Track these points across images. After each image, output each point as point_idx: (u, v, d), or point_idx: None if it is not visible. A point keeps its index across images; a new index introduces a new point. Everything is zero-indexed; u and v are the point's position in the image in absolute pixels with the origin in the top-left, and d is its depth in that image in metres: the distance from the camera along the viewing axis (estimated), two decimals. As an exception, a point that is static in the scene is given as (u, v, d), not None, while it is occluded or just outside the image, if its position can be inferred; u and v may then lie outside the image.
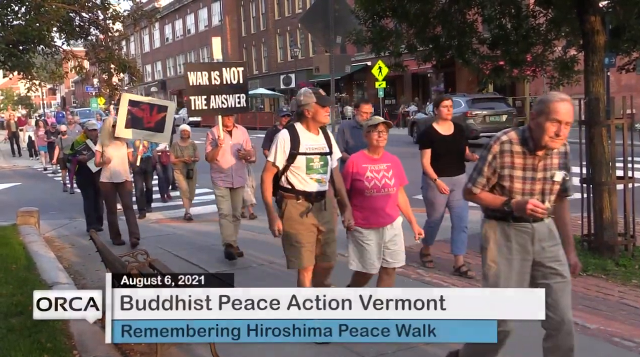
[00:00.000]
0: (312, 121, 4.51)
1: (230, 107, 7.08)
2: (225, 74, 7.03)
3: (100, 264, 5.45)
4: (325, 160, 4.55)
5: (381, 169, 4.72)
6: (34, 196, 13.99)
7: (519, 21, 7.65)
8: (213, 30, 54.92)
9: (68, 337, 4.44)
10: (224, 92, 7.02)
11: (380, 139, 4.67)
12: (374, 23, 8.21)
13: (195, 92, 6.92)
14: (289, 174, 4.51)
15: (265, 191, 4.55)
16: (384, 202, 4.69)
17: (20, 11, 12.52)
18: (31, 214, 8.99)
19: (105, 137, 8.20)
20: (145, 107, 7.99)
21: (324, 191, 4.57)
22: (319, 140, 4.57)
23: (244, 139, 7.25)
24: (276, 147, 4.50)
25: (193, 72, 6.99)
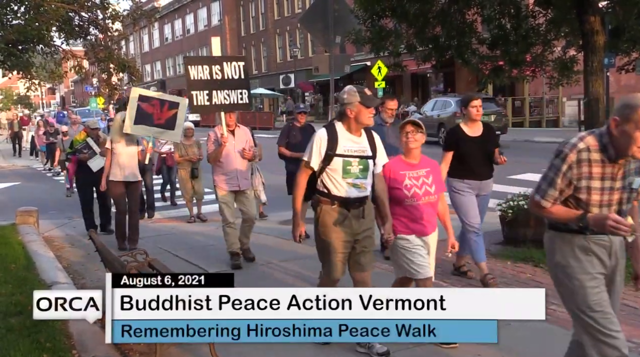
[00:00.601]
0: (354, 122, 4.16)
1: (232, 103, 6.79)
2: (226, 68, 6.78)
3: (99, 264, 5.45)
4: (365, 164, 4.20)
5: (420, 175, 4.38)
6: (33, 195, 13.98)
7: (518, 21, 7.68)
8: (212, 30, 54.90)
9: (67, 337, 4.44)
10: (226, 88, 6.75)
11: (409, 141, 4.33)
12: (374, 23, 8.23)
13: (197, 87, 6.67)
14: (324, 176, 4.20)
15: (296, 192, 4.26)
16: (425, 211, 4.37)
17: (19, 11, 12.52)
18: (30, 213, 8.98)
19: (115, 133, 7.87)
20: (156, 103, 7.63)
21: (363, 197, 4.22)
22: (361, 142, 4.23)
23: (247, 138, 6.90)
24: (312, 147, 4.19)
25: (194, 66, 6.72)
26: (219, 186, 6.72)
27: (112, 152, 7.75)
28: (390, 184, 4.34)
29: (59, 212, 11.31)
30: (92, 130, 9.11)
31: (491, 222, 7.43)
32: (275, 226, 8.99)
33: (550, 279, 3.26)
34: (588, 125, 6.39)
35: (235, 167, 6.66)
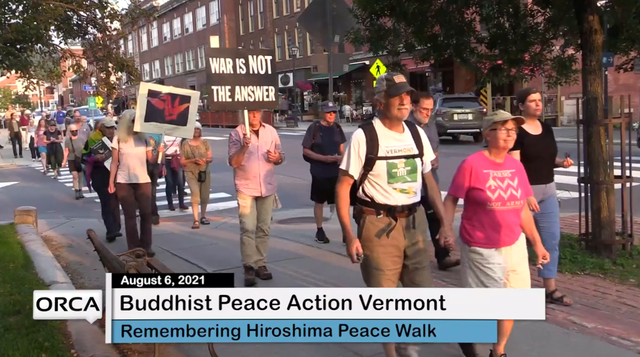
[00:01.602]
0: (387, 116, 3.66)
1: (257, 101, 6.19)
2: (251, 62, 6.16)
3: (98, 263, 5.45)
4: (413, 164, 3.67)
5: (505, 177, 3.80)
6: (31, 195, 13.97)
7: (517, 20, 7.66)
8: (211, 29, 54.89)
9: (66, 336, 4.44)
10: (251, 84, 6.15)
11: (509, 140, 3.75)
12: (372, 22, 8.21)
13: (219, 82, 6.07)
14: (367, 184, 3.66)
15: (340, 206, 3.70)
16: (509, 217, 3.79)
17: (17, 9, 12.50)
18: (29, 213, 8.98)
19: (123, 132, 7.38)
20: (166, 97, 7.17)
21: (413, 204, 3.69)
22: (404, 139, 3.69)
23: (273, 139, 6.27)
24: (349, 152, 3.66)
25: (216, 58, 6.11)
26: (239, 191, 6.22)
27: (119, 152, 7.36)
28: (471, 183, 3.79)
29: (58, 211, 11.31)
30: (107, 129, 8.63)
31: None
32: (274, 225, 8.99)
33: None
34: (587, 124, 6.39)
35: (258, 170, 6.13)
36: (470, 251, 3.82)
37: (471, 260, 3.81)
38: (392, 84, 3.58)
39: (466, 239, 3.86)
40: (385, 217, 3.64)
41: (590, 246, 6.41)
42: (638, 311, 4.95)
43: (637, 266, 6.02)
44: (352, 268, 6.60)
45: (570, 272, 5.88)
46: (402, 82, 3.57)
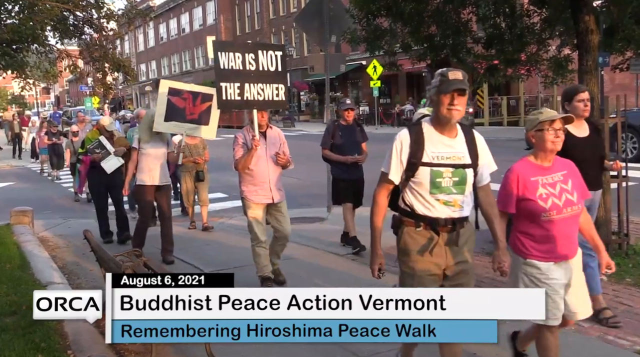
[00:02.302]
0: (436, 117, 3.25)
1: (266, 100, 5.76)
2: (261, 58, 5.70)
3: (94, 264, 5.44)
4: (461, 175, 3.22)
5: (557, 181, 3.43)
6: (28, 195, 13.94)
7: (513, 20, 7.68)
8: (208, 29, 54.84)
9: (62, 337, 4.43)
10: (260, 81, 5.70)
11: (557, 141, 3.38)
12: (369, 22, 8.23)
13: (227, 79, 5.58)
14: (407, 191, 3.29)
15: (374, 212, 3.34)
16: (568, 226, 3.41)
17: (14, 10, 12.50)
18: (25, 213, 8.95)
19: (144, 132, 7.01)
20: (188, 96, 6.85)
21: (458, 219, 3.27)
22: (456, 145, 3.25)
23: (281, 141, 5.90)
24: (391, 154, 3.28)
25: (224, 52, 5.60)
26: (247, 198, 5.75)
27: (140, 153, 6.98)
28: (519, 195, 3.42)
29: (54, 212, 11.29)
30: (106, 132, 8.30)
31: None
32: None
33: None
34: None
35: (268, 175, 5.69)
36: (525, 264, 3.45)
37: (527, 274, 3.44)
38: (444, 79, 3.17)
39: (521, 251, 3.48)
40: (426, 230, 3.25)
41: (587, 245, 6.41)
42: (634, 310, 4.96)
43: (633, 265, 6.04)
44: (352, 269, 6.62)
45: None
46: (457, 79, 3.15)
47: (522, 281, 3.46)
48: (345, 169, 7.12)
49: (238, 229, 8.77)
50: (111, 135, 8.18)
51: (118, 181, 8.07)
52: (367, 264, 7.01)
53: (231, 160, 5.94)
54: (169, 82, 7.15)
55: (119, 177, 8.11)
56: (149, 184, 6.98)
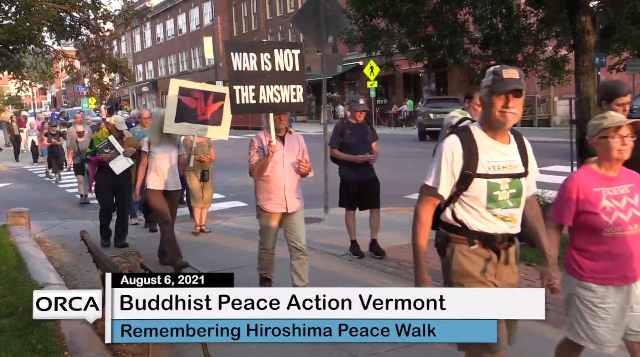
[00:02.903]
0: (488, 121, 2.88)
1: (284, 102, 5.39)
2: (278, 58, 5.34)
3: (91, 265, 5.42)
4: (518, 186, 2.89)
5: (623, 194, 3.09)
6: (24, 196, 13.91)
7: (510, 21, 7.71)
8: (205, 30, 54.83)
9: (59, 339, 4.43)
10: (277, 83, 5.35)
11: (624, 150, 3.06)
12: (366, 23, 8.25)
13: (241, 81, 5.24)
14: (458, 206, 2.92)
15: (418, 232, 2.98)
16: (634, 244, 3.07)
17: (10, 11, 12.46)
18: (22, 214, 8.93)
19: (154, 134, 6.75)
20: (199, 95, 6.59)
21: (514, 236, 2.98)
22: (510, 153, 2.91)
23: (301, 147, 5.50)
24: (439, 165, 2.89)
25: (238, 53, 5.24)
26: (261, 207, 5.45)
27: (150, 156, 6.72)
28: (579, 207, 3.11)
29: (51, 213, 11.27)
30: (117, 132, 7.96)
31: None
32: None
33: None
34: (579, 124, 6.43)
35: (284, 183, 5.33)
36: (580, 287, 3.15)
37: (581, 297, 3.15)
38: (498, 79, 2.80)
39: (576, 272, 3.19)
40: (482, 248, 2.91)
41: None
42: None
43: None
44: (349, 270, 6.62)
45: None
46: (512, 78, 2.78)
47: (575, 305, 3.18)
48: (355, 169, 6.78)
49: (236, 230, 8.77)
50: (121, 135, 7.93)
51: (126, 184, 7.94)
52: (364, 265, 7.01)
53: (234, 162, 5.85)
54: (180, 81, 6.87)
55: (127, 179, 7.94)
56: (161, 189, 6.74)
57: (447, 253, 2.99)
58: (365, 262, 6.75)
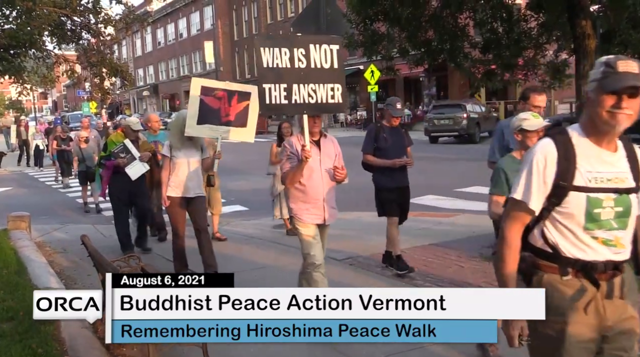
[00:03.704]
0: (592, 122, 2.38)
1: (320, 103, 4.88)
2: (313, 53, 4.85)
3: (92, 269, 5.43)
4: (626, 203, 2.38)
5: None
6: (25, 200, 13.92)
7: (510, 25, 7.74)
8: (205, 34, 54.95)
9: (59, 343, 4.42)
10: (312, 81, 4.86)
11: None
12: (366, 27, 8.27)
13: (272, 79, 4.77)
14: (549, 225, 2.45)
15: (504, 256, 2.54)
16: None
17: (11, 15, 12.49)
18: (22, 218, 8.93)
19: (175, 137, 6.35)
20: (223, 94, 6.19)
21: (620, 263, 2.42)
22: (617, 163, 2.41)
23: (336, 151, 5.01)
24: (529, 174, 2.43)
25: (269, 48, 4.75)
26: (298, 218, 4.92)
27: (171, 160, 6.33)
28: None
29: (51, 217, 11.27)
30: (132, 133, 7.59)
31: (484, 225, 7.47)
32: (269, 230, 8.98)
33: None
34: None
35: (322, 192, 4.85)
36: None
37: None
38: (610, 72, 2.29)
39: None
40: (576, 278, 2.41)
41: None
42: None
43: (631, 269, 6.04)
44: (348, 274, 6.62)
45: (565, 276, 5.90)
46: (629, 72, 2.26)
47: None
48: (391, 175, 6.29)
49: (238, 235, 8.77)
50: (136, 138, 7.59)
51: (142, 189, 7.70)
52: (365, 270, 6.97)
53: (236, 166, 5.78)
54: (201, 80, 6.45)
55: (143, 183, 7.71)
56: (180, 196, 6.33)
57: (533, 282, 2.56)
58: (366, 267, 6.73)
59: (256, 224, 9.46)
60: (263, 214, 10.07)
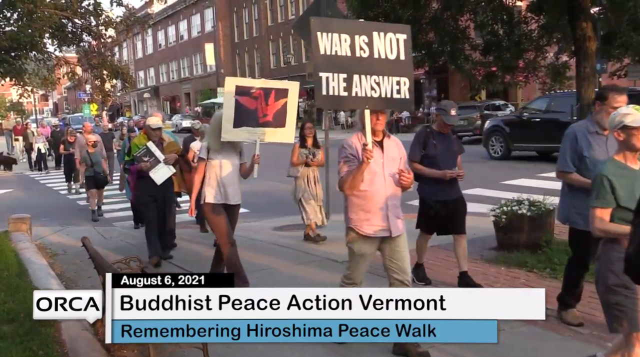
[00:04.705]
0: None
1: (383, 97, 4.28)
2: (377, 42, 4.29)
3: (92, 271, 5.42)
4: None
5: None
6: (26, 202, 13.92)
7: (511, 27, 7.75)
8: (206, 36, 55.00)
9: (60, 345, 4.42)
10: (376, 72, 4.28)
11: None
12: (367, 29, 8.26)
13: (329, 67, 4.19)
14: None
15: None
16: None
17: (12, 17, 12.52)
18: (23, 220, 8.93)
19: (214, 139, 5.84)
20: (259, 93, 5.70)
21: None
22: None
23: (401, 154, 4.44)
24: None
25: (326, 33, 4.17)
26: (358, 229, 4.28)
27: (208, 164, 5.85)
28: None
29: (52, 219, 11.26)
30: (152, 132, 7.12)
31: (485, 227, 7.46)
32: (270, 232, 8.97)
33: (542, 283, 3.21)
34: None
35: (385, 199, 4.26)
36: None
37: None
38: None
39: None
40: None
41: (586, 251, 6.42)
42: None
43: (632, 271, 6.03)
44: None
45: (566, 278, 5.89)
46: None
47: None
48: (441, 187, 5.67)
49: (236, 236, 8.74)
50: (161, 140, 7.18)
51: (168, 193, 7.36)
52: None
53: None
54: (235, 79, 5.99)
55: (169, 188, 7.32)
56: (222, 203, 5.84)
57: None
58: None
59: (257, 226, 9.45)
60: (264, 216, 10.07)
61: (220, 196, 5.83)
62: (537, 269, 5.99)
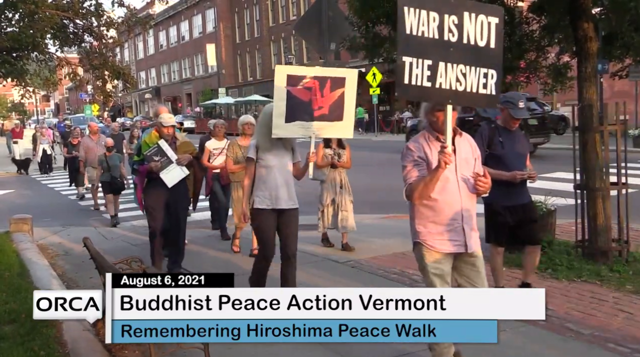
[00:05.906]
0: None
1: (467, 91, 3.59)
2: (467, 24, 3.57)
3: (94, 272, 5.42)
4: None
5: None
6: (27, 203, 13.93)
7: (512, 28, 7.71)
8: (207, 37, 55.03)
9: (61, 345, 4.43)
10: (462, 61, 3.57)
11: None
12: (368, 29, 8.25)
13: (415, 51, 3.44)
14: None
15: None
16: None
17: (14, 18, 12.53)
18: (24, 221, 8.94)
19: (263, 137, 5.24)
20: (313, 83, 4.96)
21: None
22: None
23: (475, 155, 3.83)
24: None
25: (413, 9, 3.40)
26: (427, 244, 3.68)
27: (258, 164, 5.26)
28: None
29: (54, 219, 11.27)
30: (164, 129, 6.47)
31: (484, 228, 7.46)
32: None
33: (543, 283, 3.21)
34: (582, 131, 6.42)
35: (460, 209, 3.66)
36: None
37: None
38: None
39: None
40: None
41: (587, 252, 6.42)
42: (635, 317, 4.95)
43: (633, 272, 6.03)
44: (355, 276, 6.60)
45: (567, 279, 5.90)
46: None
47: None
48: (508, 190, 5.04)
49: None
50: (174, 138, 6.55)
51: (181, 198, 6.60)
52: (367, 272, 7.00)
53: None
54: (286, 67, 5.19)
55: (183, 192, 6.60)
56: (270, 208, 5.22)
57: None
58: (367, 268, 6.72)
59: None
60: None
61: (269, 200, 5.21)
62: (538, 269, 5.99)
